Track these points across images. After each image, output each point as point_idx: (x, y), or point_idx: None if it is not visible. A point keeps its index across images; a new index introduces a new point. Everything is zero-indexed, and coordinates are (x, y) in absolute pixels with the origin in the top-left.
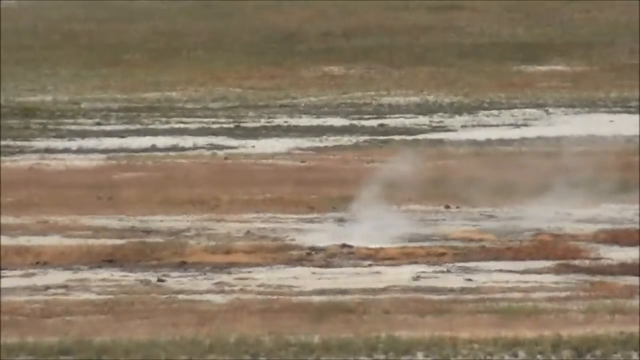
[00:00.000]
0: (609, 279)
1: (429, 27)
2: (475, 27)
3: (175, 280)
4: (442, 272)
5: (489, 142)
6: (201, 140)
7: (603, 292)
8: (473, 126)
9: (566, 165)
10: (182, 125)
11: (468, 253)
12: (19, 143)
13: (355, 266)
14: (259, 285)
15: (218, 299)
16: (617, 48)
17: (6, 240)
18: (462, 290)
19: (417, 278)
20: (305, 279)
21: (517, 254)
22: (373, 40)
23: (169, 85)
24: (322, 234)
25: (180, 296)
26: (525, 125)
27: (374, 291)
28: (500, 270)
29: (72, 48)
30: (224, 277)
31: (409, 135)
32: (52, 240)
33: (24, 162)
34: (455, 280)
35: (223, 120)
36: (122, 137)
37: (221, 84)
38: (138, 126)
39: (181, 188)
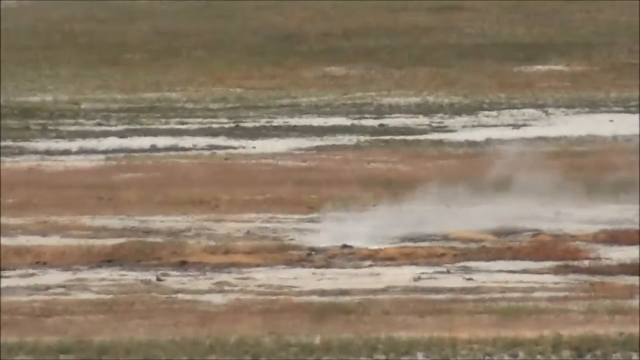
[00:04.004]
0: (608, 279)
1: (429, 28)
2: (475, 27)
3: (175, 280)
4: (442, 272)
5: (488, 142)
6: (201, 141)
7: (603, 293)
8: (473, 126)
9: (566, 166)
10: (182, 126)
11: (468, 253)
12: (19, 144)
13: (355, 267)
14: (259, 286)
15: (218, 299)
16: (617, 48)
17: (6, 241)
18: (462, 290)
19: (417, 278)
20: (306, 280)
21: (517, 254)
22: (373, 41)
23: (169, 85)
24: (322, 234)
25: (180, 296)
26: (525, 125)
27: (374, 292)
28: (500, 271)
29: (72, 48)
30: (224, 277)
31: (409, 136)
32: (52, 241)
33: (24, 162)
34: (455, 281)
35: (223, 120)
36: (122, 137)
37: (221, 84)
38: (138, 126)
39: (181, 188)
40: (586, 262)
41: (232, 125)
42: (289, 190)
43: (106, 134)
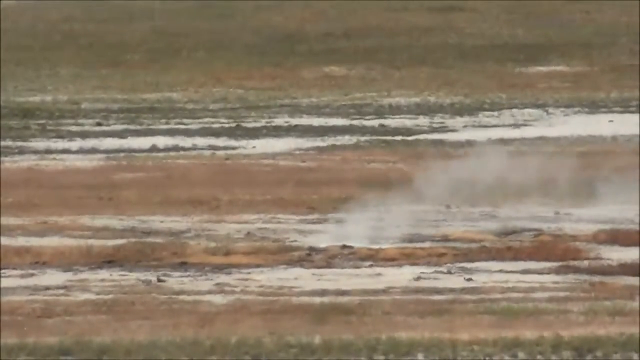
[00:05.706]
0: (609, 279)
1: (430, 28)
2: (475, 28)
3: (175, 280)
4: (443, 272)
5: (489, 142)
6: (201, 141)
7: (603, 293)
8: (473, 127)
9: (566, 166)
10: (182, 126)
11: (468, 253)
12: (18, 143)
13: (355, 267)
14: (260, 286)
15: (219, 299)
16: (617, 49)
17: (6, 241)
18: (463, 290)
19: (417, 279)
20: (306, 280)
21: (517, 254)
22: (374, 41)
23: (169, 85)
24: (322, 234)
25: (181, 297)
26: (526, 125)
27: (374, 292)
28: (501, 271)
29: (72, 48)
30: (225, 278)
31: (410, 136)
32: (52, 241)
33: (23, 162)
34: (455, 281)
35: (223, 120)
36: (122, 137)
37: (221, 85)
38: (138, 127)
39: (181, 188)
40: (586, 262)
41: (233, 125)
42: (289, 191)
43: (106, 134)
